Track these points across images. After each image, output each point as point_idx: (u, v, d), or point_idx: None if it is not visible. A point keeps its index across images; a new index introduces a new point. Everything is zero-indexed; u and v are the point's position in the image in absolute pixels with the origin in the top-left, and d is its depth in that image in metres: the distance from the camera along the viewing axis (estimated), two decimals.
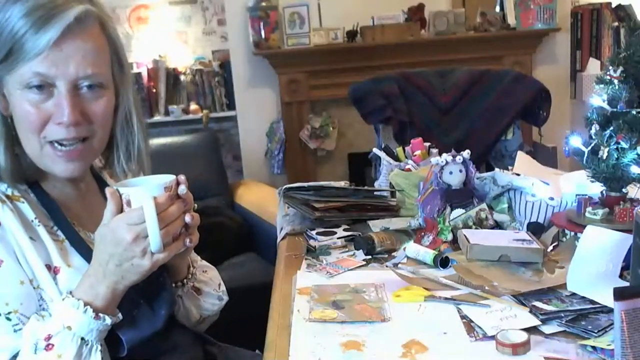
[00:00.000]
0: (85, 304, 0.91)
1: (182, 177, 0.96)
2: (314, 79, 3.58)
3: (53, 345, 0.90)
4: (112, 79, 1.03)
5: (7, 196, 0.98)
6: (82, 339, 0.91)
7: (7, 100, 0.97)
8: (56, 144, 0.98)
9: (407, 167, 1.70)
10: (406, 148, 1.80)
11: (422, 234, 1.37)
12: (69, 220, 1.02)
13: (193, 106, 4.18)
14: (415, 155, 1.75)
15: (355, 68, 3.44)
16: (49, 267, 0.97)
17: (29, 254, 0.95)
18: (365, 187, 1.69)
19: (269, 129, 3.70)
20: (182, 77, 4.24)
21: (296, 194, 1.61)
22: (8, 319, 0.92)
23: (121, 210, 0.92)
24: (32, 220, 0.98)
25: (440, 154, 1.53)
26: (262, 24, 3.46)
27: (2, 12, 0.93)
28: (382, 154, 1.81)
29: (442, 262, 1.23)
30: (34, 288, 0.95)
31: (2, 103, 0.98)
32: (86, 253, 1.00)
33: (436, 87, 2.70)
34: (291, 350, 0.95)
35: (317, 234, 1.47)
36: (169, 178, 0.96)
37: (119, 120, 1.07)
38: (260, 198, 2.99)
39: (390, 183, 1.67)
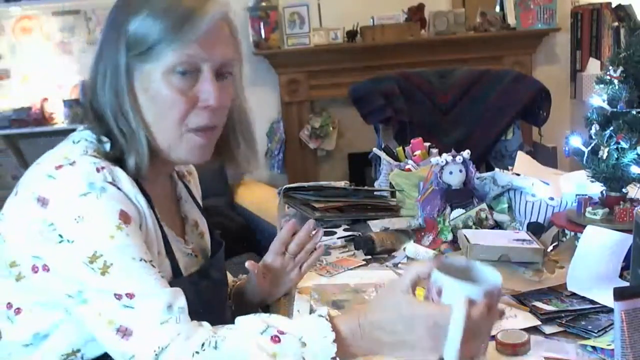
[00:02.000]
0: (335, 342, 0.83)
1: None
2: (314, 79, 3.58)
3: (279, 341, 0.84)
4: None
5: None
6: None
7: (136, 95, 0.95)
8: (196, 132, 0.97)
9: (407, 167, 1.70)
10: (406, 148, 1.80)
11: (422, 234, 1.38)
12: (158, 216, 1.00)
13: None
14: (415, 155, 1.75)
15: (355, 68, 3.44)
16: (156, 248, 0.96)
17: (150, 226, 0.94)
18: (365, 187, 1.69)
19: (269, 129, 3.70)
20: None
21: (296, 194, 1.61)
22: (153, 266, 0.89)
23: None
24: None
25: (440, 154, 1.53)
26: (262, 24, 3.46)
27: None
28: (382, 154, 1.81)
29: None
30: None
31: (131, 98, 0.95)
32: (169, 252, 0.99)
33: (436, 87, 2.71)
34: None
35: None
36: (495, 281, 0.82)
37: (235, 110, 1.06)
38: (260, 198, 2.99)
39: (390, 183, 1.67)
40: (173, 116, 0.95)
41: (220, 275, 1.12)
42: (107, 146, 0.95)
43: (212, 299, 1.05)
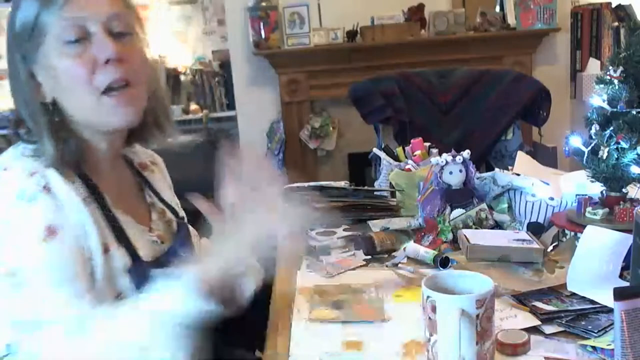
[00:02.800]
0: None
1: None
2: (314, 79, 3.58)
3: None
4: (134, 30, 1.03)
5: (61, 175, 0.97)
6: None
7: (41, 85, 0.97)
8: (111, 92, 0.97)
9: (407, 167, 1.70)
10: (406, 148, 1.80)
11: (422, 234, 1.37)
12: (110, 205, 1.01)
13: (193, 106, 4.18)
14: (415, 155, 1.75)
15: (355, 68, 3.44)
16: (102, 245, 0.96)
17: (88, 227, 0.94)
18: (365, 187, 1.69)
19: (269, 129, 3.70)
20: (182, 77, 4.24)
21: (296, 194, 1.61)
22: (68, 285, 0.89)
23: None
24: (84, 199, 0.96)
25: (440, 154, 1.53)
26: (262, 24, 3.46)
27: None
28: (382, 154, 1.81)
29: (442, 262, 1.23)
30: (89, 259, 0.93)
31: (36, 90, 0.97)
32: (124, 239, 0.99)
33: (436, 87, 2.71)
34: (291, 350, 0.95)
35: (317, 234, 1.47)
36: (485, 288, 0.82)
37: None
38: None
39: (390, 183, 1.67)
40: (79, 83, 0.95)
41: (189, 252, 1.12)
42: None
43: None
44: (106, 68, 0.96)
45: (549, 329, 0.97)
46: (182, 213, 1.23)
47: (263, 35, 3.47)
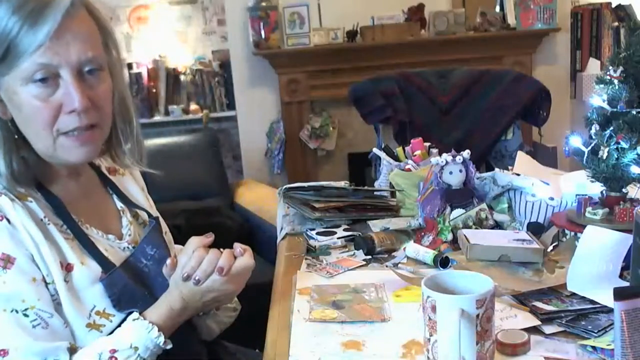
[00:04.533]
0: (159, 330, 0.98)
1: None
2: (314, 79, 3.58)
3: (116, 358, 0.94)
4: (106, 61, 1.01)
5: (16, 195, 0.97)
6: (143, 359, 0.97)
7: (5, 104, 0.96)
8: (69, 133, 0.96)
9: (407, 167, 1.70)
10: (406, 148, 1.80)
11: (422, 234, 1.37)
12: (75, 218, 1.02)
13: (193, 106, 4.18)
14: (415, 155, 1.75)
15: (355, 68, 3.44)
16: (61, 264, 0.96)
17: (44, 250, 0.94)
18: (365, 187, 1.69)
19: (269, 129, 3.70)
20: (182, 77, 4.24)
21: (296, 194, 1.61)
22: (25, 315, 0.91)
23: None
24: (42, 219, 0.97)
25: (440, 154, 1.53)
26: (262, 24, 3.46)
27: None
28: (382, 154, 1.80)
29: (442, 262, 1.23)
30: (48, 284, 0.94)
31: (1, 108, 0.96)
32: (92, 250, 1.00)
33: (436, 87, 2.70)
34: (291, 350, 0.95)
35: (317, 234, 1.47)
36: (485, 288, 0.83)
37: (116, 104, 1.05)
38: (260, 198, 2.99)
39: (390, 183, 1.67)
40: (39, 124, 0.94)
41: (159, 250, 1.11)
42: None
43: (154, 276, 1.07)
44: (70, 115, 0.95)
45: (549, 329, 0.97)
46: (155, 213, 1.23)
47: (263, 35, 3.47)
